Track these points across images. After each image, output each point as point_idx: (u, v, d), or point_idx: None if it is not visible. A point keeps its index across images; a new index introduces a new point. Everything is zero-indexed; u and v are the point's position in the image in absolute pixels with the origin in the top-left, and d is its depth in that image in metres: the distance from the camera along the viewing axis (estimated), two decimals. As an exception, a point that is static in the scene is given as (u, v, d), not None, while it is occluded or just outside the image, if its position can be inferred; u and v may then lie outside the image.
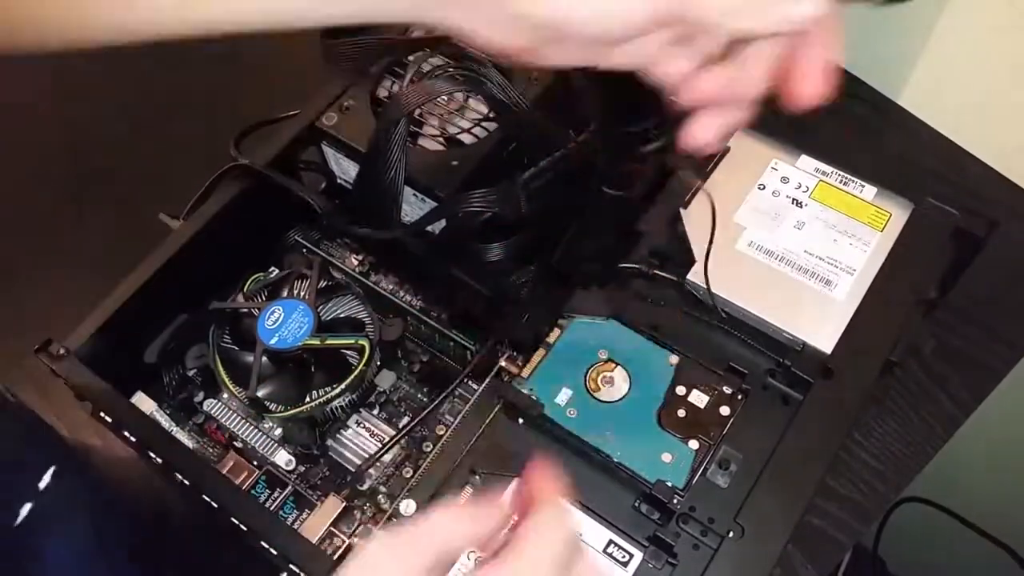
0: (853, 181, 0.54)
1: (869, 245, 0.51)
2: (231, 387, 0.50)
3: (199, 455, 0.52)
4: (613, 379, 0.48)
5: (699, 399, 0.48)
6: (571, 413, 0.47)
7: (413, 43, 0.56)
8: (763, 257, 0.51)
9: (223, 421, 0.52)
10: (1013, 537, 0.86)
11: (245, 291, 0.53)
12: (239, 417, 0.52)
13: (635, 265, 0.52)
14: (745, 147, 0.55)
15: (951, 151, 0.67)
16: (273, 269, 0.56)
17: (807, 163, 0.55)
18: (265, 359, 0.50)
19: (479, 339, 0.54)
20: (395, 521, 0.48)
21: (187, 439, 0.52)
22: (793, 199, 0.53)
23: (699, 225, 0.51)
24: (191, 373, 0.53)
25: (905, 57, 0.66)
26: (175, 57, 0.71)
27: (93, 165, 0.75)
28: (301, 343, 0.49)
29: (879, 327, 0.48)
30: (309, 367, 0.51)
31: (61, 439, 0.54)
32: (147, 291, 0.51)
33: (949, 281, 0.53)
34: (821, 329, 0.48)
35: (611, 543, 0.44)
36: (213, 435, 0.53)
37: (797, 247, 0.51)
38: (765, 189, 0.54)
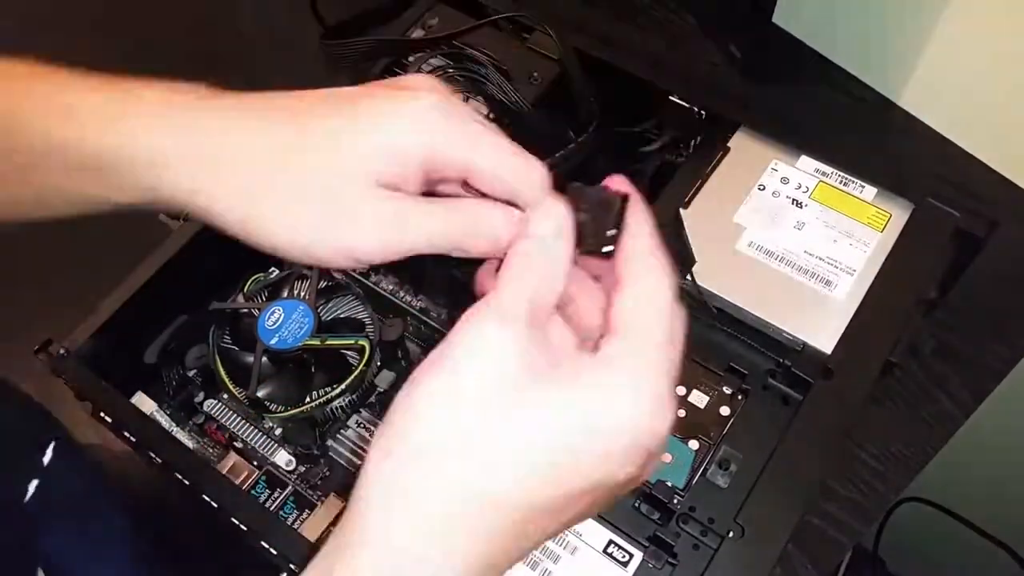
0: (853, 182, 0.54)
1: (869, 245, 0.51)
2: (231, 387, 0.50)
3: (199, 455, 0.52)
4: (613, 379, 0.48)
5: (699, 399, 0.48)
6: (571, 413, 0.47)
7: (413, 44, 0.56)
8: (763, 257, 0.51)
9: (223, 421, 0.52)
10: (1013, 537, 0.86)
11: (245, 291, 0.53)
12: (239, 417, 0.52)
13: (635, 265, 0.52)
14: (745, 147, 0.55)
15: (951, 151, 0.67)
16: (273, 269, 0.56)
17: (807, 163, 0.55)
18: (265, 359, 0.50)
19: (479, 339, 0.54)
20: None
21: (187, 439, 0.52)
22: (793, 199, 0.53)
23: (699, 225, 0.51)
24: (191, 373, 0.53)
25: (905, 57, 0.66)
26: (175, 59, 0.71)
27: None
28: (301, 343, 0.49)
29: (879, 327, 0.48)
30: (309, 367, 0.51)
31: (57, 420, 0.54)
32: (147, 291, 0.51)
33: (949, 281, 0.53)
34: (821, 329, 0.48)
35: (611, 543, 0.44)
36: (213, 435, 0.53)
37: (797, 247, 0.51)
38: (765, 189, 0.54)
